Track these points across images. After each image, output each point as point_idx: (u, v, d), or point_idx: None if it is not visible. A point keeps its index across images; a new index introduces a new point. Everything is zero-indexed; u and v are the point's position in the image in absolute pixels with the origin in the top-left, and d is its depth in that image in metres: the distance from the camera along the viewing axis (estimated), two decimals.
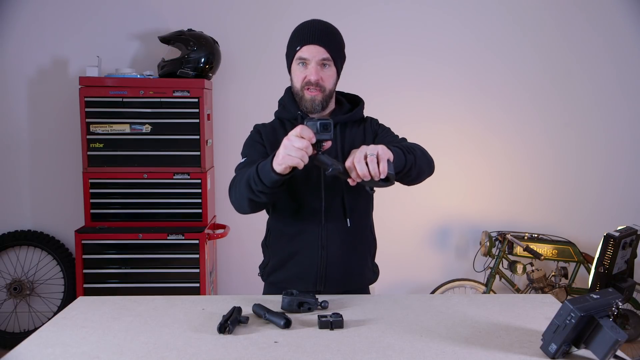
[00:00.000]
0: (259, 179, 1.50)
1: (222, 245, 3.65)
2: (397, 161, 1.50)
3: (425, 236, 3.76)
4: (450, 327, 1.46)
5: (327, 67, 1.68)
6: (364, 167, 1.41)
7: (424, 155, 1.66)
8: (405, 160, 1.54)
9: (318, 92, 1.67)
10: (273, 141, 1.73)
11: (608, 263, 3.02)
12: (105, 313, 1.56)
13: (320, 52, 1.65)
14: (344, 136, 1.75)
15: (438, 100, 3.67)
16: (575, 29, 3.66)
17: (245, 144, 1.79)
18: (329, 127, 1.44)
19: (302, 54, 1.66)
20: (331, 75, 1.69)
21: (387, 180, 1.44)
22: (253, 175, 1.52)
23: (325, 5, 3.53)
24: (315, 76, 1.65)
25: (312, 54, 1.65)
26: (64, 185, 3.59)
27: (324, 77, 1.67)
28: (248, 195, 1.56)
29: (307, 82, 1.67)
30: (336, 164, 1.46)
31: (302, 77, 1.68)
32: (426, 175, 1.67)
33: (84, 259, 3.15)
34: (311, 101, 1.68)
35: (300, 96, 1.70)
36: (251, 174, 1.53)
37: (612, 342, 1.20)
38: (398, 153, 1.52)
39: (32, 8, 3.50)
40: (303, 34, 1.67)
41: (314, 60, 1.65)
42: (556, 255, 3.45)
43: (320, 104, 1.69)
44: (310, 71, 1.66)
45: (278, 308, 1.54)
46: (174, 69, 3.24)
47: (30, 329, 3.58)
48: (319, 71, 1.66)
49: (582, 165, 3.75)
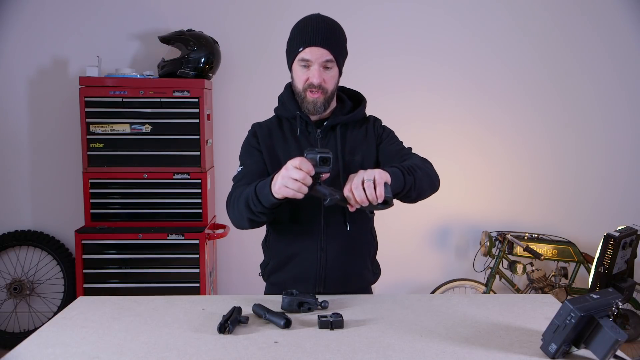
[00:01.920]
0: (258, 201, 1.51)
1: (222, 245, 3.65)
2: (395, 183, 1.48)
3: (425, 236, 3.76)
4: (450, 327, 1.46)
5: (330, 69, 1.66)
6: (362, 193, 1.41)
7: (426, 175, 1.61)
8: (404, 182, 1.52)
9: (320, 94, 1.66)
10: (269, 145, 1.72)
11: (608, 263, 3.02)
12: (105, 313, 1.56)
13: (324, 55, 1.63)
14: (345, 137, 1.74)
15: (438, 101, 3.67)
16: (575, 29, 3.66)
17: (242, 147, 1.78)
18: (329, 161, 1.44)
19: (305, 56, 1.63)
20: (333, 76, 1.68)
21: (386, 204, 1.45)
22: (252, 197, 1.52)
23: (325, 5, 3.52)
24: (318, 79, 1.63)
25: (315, 57, 1.62)
26: (64, 185, 3.59)
27: (327, 79, 1.65)
28: (248, 215, 1.57)
29: (310, 85, 1.65)
30: (333, 194, 1.47)
31: (304, 79, 1.66)
32: (429, 194, 1.66)
33: (84, 259, 3.15)
34: (313, 103, 1.67)
35: (302, 97, 1.68)
36: (250, 194, 1.53)
37: (612, 342, 1.20)
38: (397, 174, 1.50)
39: (32, 8, 3.50)
40: (306, 34, 1.63)
41: (317, 62, 1.63)
42: (556, 255, 3.45)
43: (322, 106, 1.68)
44: (313, 73, 1.63)
45: (278, 308, 1.55)
46: (174, 69, 3.24)
47: (30, 329, 3.59)
48: (321, 73, 1.64)
49: (582, 165, 3.75)
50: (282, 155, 1.71)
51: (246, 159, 1.74)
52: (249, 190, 1.54)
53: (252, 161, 1.72)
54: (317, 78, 1.63)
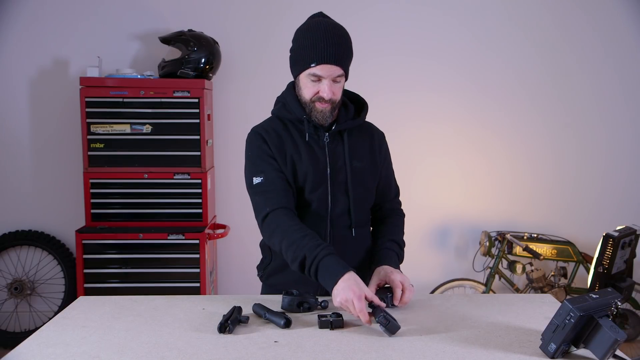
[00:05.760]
0: (316, 278, 1.55)
1: (222, 245, 3.66)
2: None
3: (425, 236, 3.76)
4: (450, 327, 1.47)
5: (339, 82, 1.66)
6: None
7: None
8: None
9: (329, 105, 1.65)
10: (282, 150, 1.69)
11: (607, 263, 3.01)
12: (105, 313, 1.57)
13: (336, 71, 1.62)
14: (350, 142, 1.74)
15: (438, 101, 3.68)
16: (575, 29, 3.67)
17: (253, 155, 1.70)
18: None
19: (317, 72, 1.61)
20: (342, 86, 1.68)
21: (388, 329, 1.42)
22: (311, 270, 1.54)
23: (325, 6, 3.52)
24: (329, 94, 1.63)
25: (328, 73, 1.61)
26: (65, 185, 3.59)
27: (336, 92, 1.65)
28: (296, 268, 1.57)
29: (319, 98, 1.64)
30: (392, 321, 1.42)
31: (313, 92, 1.64)
32: None
33: (85, 259, 3.16)
34: (322, 113, 1.66)
35: (311, 107, 1.67)
36: (309, 264, 1.54)
37: (611, 342, 1.20)
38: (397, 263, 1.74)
39: (32, 8, 3.50)
40: (318, 49, 1.60)
41: (329, 78, 1.62)
42: (555, 255, 3.45)
43: (330, 115, 1.68)
44: (324, 89, 1.62)
45: (278, 308, 1.55)
46: (175, 69, 3.25)
47: (31, 329, 3.59)
48: (332, 87, 1.63)
49: (582, 165, 3.75)
50: (291, 160, 1.70)
51: (263, 166, 1.68)
52: (310, 259, 1.54)
53: (271, 168, 1.67)
54: (328, 93, 1.63)
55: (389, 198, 1.87)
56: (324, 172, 1.70)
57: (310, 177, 1.69)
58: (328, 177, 1.70)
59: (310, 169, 1.69)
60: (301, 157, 1.69)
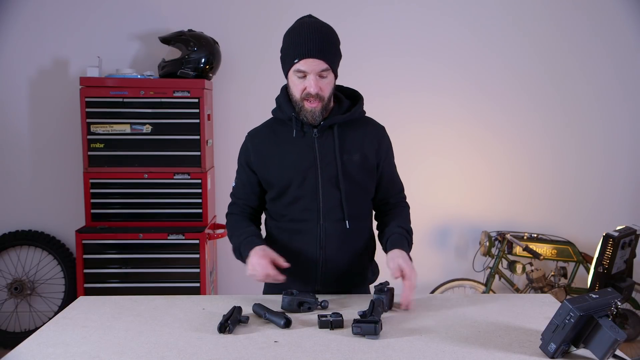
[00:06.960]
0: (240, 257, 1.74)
1: (222, 245, 3.65)
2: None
3: (425, 236, 3.76)
4: (450, 327, 1.47)
5: (326, 77, 1.67)
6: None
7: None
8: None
9: (318, 102, 1.67)
10: (263, 154, 1.77)
11: (607, 263, 3.02)
12: (105, 313, 1.57)
13: (319, 65, 1.64)
14: (343, 136, 1.75)
15: (438, 101, 3.68)
16: (575, 29, 3.66)
17: (238, 159, 1.85)
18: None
19: (300, 67, 1.64)
20: (329, 82, 1.69)
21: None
22: (238, 252, 1.76)
23: (325, 6, 3.53)
24: (315, 89, 1.64)
25: (311, 68, 1.64)
26: (65, 185, 3.59)
27: (323, 87, 1.66)
28: (236, 256, 1.79)
29: (307, 94, 1.66)
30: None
31: (301, 88, 1.67)
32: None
33: (85, 259, 3.16)
34: (311, 113, 1.68)
35: (300, 107, 1.69)
36: (237, 249, 1.77)
37: (611, 342, 1.20)
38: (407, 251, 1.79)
39: (32, 8, 3.50)
40: (299, 45, 1.64)
41: (313, 72, 1.64)
42: (555, 255, 3.45)
43: (320, 115, 1.69)
44: (310, 83, 1.65)
45: (278, 308, 1.55)
46: (175, 69, 3.25)
47: (31, 329, 3.59)
48: (318, 82, 1.65)
49: (582, 165, 3.75)
50: (277, 158, 1.74)
51: (239, 174, 1.86)
52: (238, 243, 1.76)
53: (244, 176, 1.83)
54: (314, 88, 1.65)
55: (394, 193, 1.88)
56: (312, 166, 1.71)
57: (299, 172, 1.72)
58: (318, 171, 1.71)
59: (299, 164, 1.72)
60: (291, 154, 1.73)
